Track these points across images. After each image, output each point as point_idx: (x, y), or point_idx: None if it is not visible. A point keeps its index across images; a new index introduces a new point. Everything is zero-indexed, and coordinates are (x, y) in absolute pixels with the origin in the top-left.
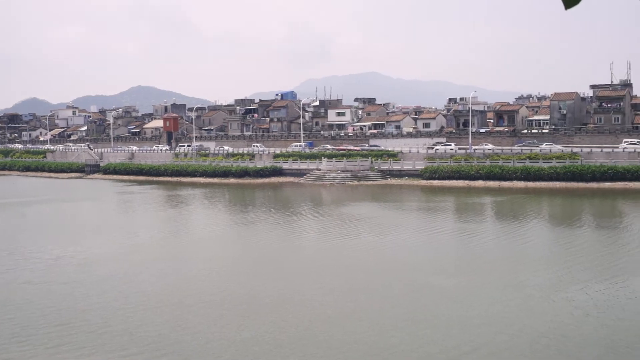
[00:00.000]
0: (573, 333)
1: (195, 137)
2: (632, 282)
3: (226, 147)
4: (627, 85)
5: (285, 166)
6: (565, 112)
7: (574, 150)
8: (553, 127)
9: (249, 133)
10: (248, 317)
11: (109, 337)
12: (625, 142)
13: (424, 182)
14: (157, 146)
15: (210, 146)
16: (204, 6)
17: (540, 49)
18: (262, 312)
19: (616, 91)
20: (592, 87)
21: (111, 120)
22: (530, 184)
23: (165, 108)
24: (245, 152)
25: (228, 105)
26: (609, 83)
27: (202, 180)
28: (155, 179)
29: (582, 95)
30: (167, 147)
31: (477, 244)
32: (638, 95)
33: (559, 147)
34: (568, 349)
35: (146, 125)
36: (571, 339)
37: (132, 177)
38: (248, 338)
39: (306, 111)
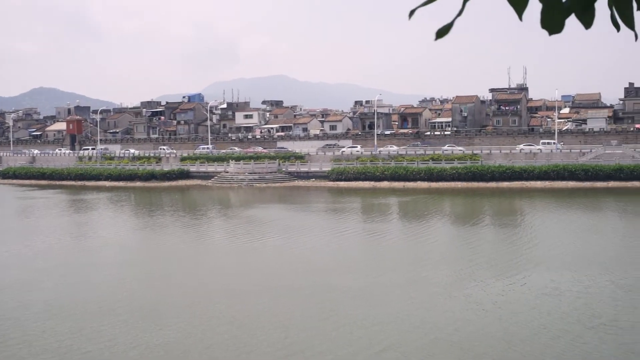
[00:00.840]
0: (471, 328)
1: (100, 140)
2: (527, 278)
3: (132, 150)
4: (523, 89)
5: (193, 169)
6: (466, 114)
7: (475, 152)
8: (455, 129)
9: (156, 136)
10: (154, 322)
11: (4, 348)
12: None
13: (330, 184)
14: (60, 149)
15: (116, 149)
16: (107, 6)
17: (446, 53)
18: (169, 317)
19: (513, 94)
20: (492, 90)
21: (10, 123)
22: (434, 184)
23: (69, 110)
24: (152, 155)
25: (134, 108)
26: (507, 87)
27: (107, 184)
28: (58, 183)
29: (482, 99)
30: (71, 151)
31: (382, 243)
32: (533, 99)
33: (460, 148)
34: (467, 344)
35: (48, 128)
36: (470, 334)
37: (33, 182)
38: (154, 344)
39: (214, 114)
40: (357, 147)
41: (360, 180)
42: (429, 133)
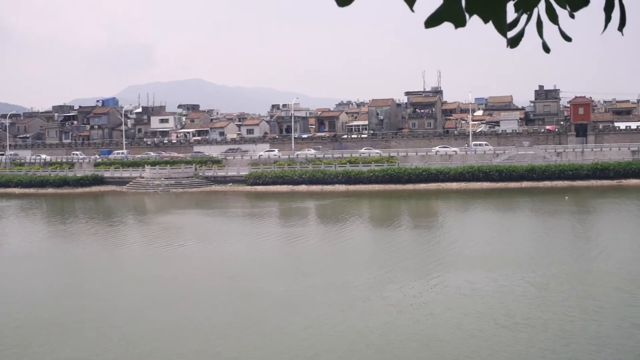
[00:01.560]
0: (389, 330)
1: (10, 145)
2: (444, 278)
3: (44, 156)
4: (437, 92)
5: (107, 174)
6: (382, 117)
7: (392, 154)
8: (372, 132)
9: (68, 141)
10: (67, 335)
11: None
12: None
13: (248, 188)
14: None
15: (26, 155)
16: (16, 8)
17: (362, 57)
18: (82, 328)
19: (428, 97)
20: (407, 93)
21: None
22: (351, 187)
23: None
24: (65, 160)
25: (46, 112)
26: (422, 90)
27: (17, 191)
28: None
29: (397, 102)
30: None
31: (302, 248)
32: (448, 102)
33: (377, 151)
34: (386, 347)
35: None
36: (387, 337)
37: None
38: (64, 358)
39: (129, 118)
40: (274, 150)
41: (278, 184)
42: (346, 136)
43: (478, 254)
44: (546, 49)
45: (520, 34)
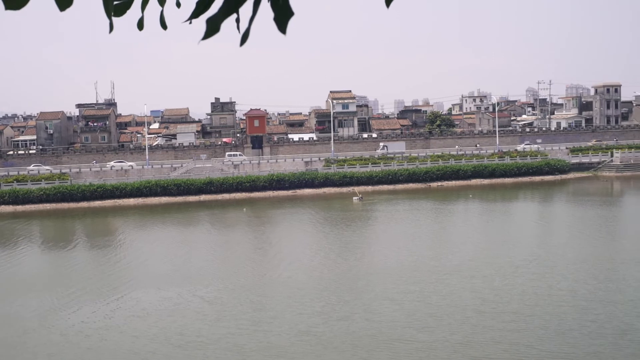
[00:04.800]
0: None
1: None
2: (118, 301)
3: None
4: (111, 104)
5: None
6: (52, 131)
7: (63, 170)
8: (40, 147)
9: None
10: None
11: None
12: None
13: None
14: None
15: None
16: None
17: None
18: None
19: (102, 110)
20: (78, 106)
21: None
22: (20, 208)
23: None
24: None
25: None
26: (95, 102)
27: None
28: None
29: (69, 115)
30: None
31: None
32: (123, 114)
33: (47, 167)
34: None
35: None
36: None
37: None
38: None
39: None
40: None
41: None
42: (12, 152)
43: (155, 272)
44: (140, 26)
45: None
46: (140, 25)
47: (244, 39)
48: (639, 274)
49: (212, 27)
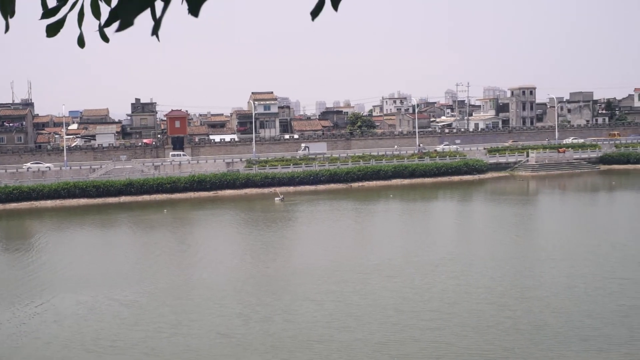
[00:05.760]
0: None
1: None
2: (32, 306)
3: None
4: (28, 104)
5: None
6: None
7: None
8: None
9: None
10: None
11: None
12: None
13: None
14: None
15: None
16: None
17: None
18: None
19: (18, 110)
20: None
21: None
22: None
23: None
24: None
25: None
26: (11, 102)
27: None
28: None
29: None
30: None
31: None
32: (40, 115)
33: None
34: None
35: None
36: None
37: None
38: None
39: None
40: None
41: None
42: None
43: (73, 275)
44: (81, 43)
45: (60, 23)
46: (81, 42)
47: (156, 28)
48: (554, 271)
49: (126, 21)
